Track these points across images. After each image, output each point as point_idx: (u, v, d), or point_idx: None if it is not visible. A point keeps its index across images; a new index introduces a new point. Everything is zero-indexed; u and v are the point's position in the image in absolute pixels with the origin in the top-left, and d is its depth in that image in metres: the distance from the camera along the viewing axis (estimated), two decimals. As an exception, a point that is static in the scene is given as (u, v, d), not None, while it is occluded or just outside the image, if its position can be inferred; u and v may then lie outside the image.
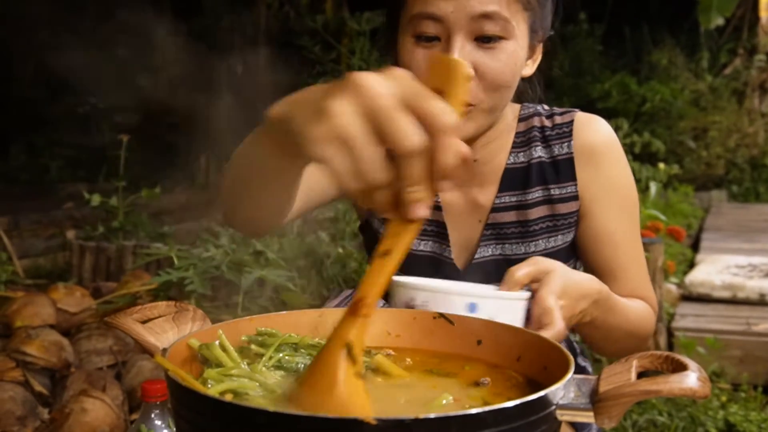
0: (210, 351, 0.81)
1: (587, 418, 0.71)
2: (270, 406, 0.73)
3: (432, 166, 0.63)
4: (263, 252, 2.70)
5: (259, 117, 0.80)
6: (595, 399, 0.72)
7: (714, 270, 4.23)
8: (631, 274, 1.36)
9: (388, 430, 0.59)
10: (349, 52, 6.14)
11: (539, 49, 1.32)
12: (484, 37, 1.19)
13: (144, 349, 0.84)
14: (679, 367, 0.74)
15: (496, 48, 1.19)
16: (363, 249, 2.20)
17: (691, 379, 0.70)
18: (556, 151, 1.35)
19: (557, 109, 1.39)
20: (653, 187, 6.38)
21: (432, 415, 0.60)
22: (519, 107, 1.40)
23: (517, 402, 0.64)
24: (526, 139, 1.37)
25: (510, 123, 1.37)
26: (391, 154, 0.63)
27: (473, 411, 0.62)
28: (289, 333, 0.88)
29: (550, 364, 0.80)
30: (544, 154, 1.35)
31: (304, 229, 3.74)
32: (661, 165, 6.88)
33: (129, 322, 0.85)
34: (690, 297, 4.04)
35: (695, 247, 5.61)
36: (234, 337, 0.86)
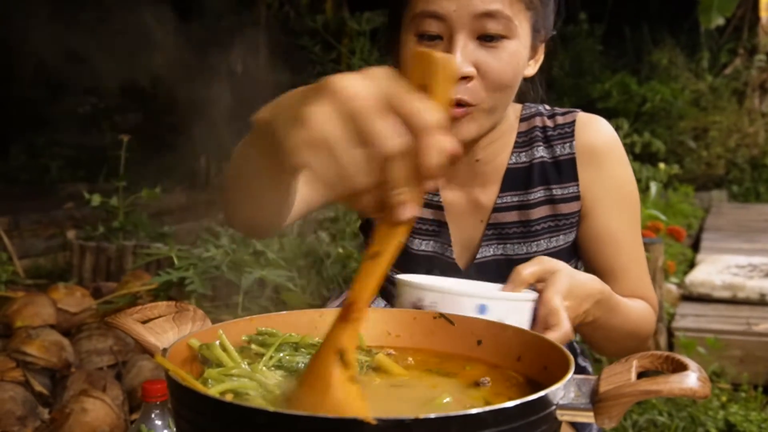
0: (210, 351, 0.81)
1: (587, 418, 0.71)
2: (270, 406, 0.73)
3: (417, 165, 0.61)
4: (263, 252, 2.70)
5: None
6: (595, 399, 0.72)
7: (714, 270, 4.23)
8: (632, 274, 1.36)
9: (388, 430, 0.59)
10: (349, 52, 6.14)
11: (541, 50, 1.32)
12: (486, 36, 1.18)
13: (144, 349, 0.84)
14: (680, 367, 0.74)
15: (498, 47, 1.19)
16: (363, 249, 2.20)
17: (692, 379, 0.70)
18: (558, 152, 1.35)
19: (559, 110, 1.39)
20: (653, 187, 6.38)
21: (432, 415, 0.60)
22: (521, 107, 1.40)
23: (517, 402, 0.64)
24: (528, 139, 1.37)
25: (512, 123, 1.37)
26: (376, 156, 0.61)
27: (473, 411, 0.62)
28: (290, 333, 0.88)
29: (550, 364, 0.80)
30: (545, 154, 1.35)
31: (304, 229, 3.74)
32: (661, 165, 6.88)
33: (129, 322, 0.85)
34: (690, 297, 4.03)
35: (695, 247, 5.60)
36: (234, 337, 0.86)
